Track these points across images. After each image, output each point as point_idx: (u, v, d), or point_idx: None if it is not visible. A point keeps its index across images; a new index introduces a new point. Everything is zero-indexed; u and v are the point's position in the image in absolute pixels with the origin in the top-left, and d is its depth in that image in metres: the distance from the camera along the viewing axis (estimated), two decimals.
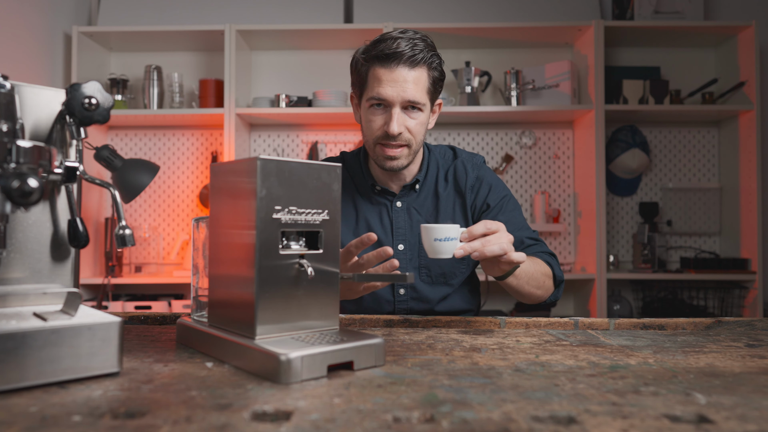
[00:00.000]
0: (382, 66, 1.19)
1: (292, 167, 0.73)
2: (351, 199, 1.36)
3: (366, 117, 1.25)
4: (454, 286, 1.33)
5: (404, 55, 1.17)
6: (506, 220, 1.26)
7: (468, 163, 1.37)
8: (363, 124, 1.28)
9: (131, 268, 2.82)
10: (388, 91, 1.19)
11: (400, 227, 1.32)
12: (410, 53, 1.18)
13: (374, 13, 2.84)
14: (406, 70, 1.18)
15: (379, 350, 0.73)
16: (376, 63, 1.20)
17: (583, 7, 2.86)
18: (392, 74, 1.18)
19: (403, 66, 1.18)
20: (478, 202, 1.34)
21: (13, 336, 0.60)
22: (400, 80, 1.18)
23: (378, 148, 1.24)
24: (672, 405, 0.58)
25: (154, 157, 2.97)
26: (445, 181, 1.36)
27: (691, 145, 2.96)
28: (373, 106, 1.23)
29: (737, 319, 1.07)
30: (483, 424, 0.52)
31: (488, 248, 0.93)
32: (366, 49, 1.23)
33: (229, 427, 0.51)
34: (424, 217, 1.33)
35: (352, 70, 1.28)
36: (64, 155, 0.76)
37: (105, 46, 2.90)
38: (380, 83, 1.19)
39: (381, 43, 1.19)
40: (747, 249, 2.69)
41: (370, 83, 1.22)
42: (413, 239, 1.32)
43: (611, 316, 2.69)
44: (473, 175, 1.35)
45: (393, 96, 1.19)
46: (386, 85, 1.19)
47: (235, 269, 0.73)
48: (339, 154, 1.45)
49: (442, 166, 1.37)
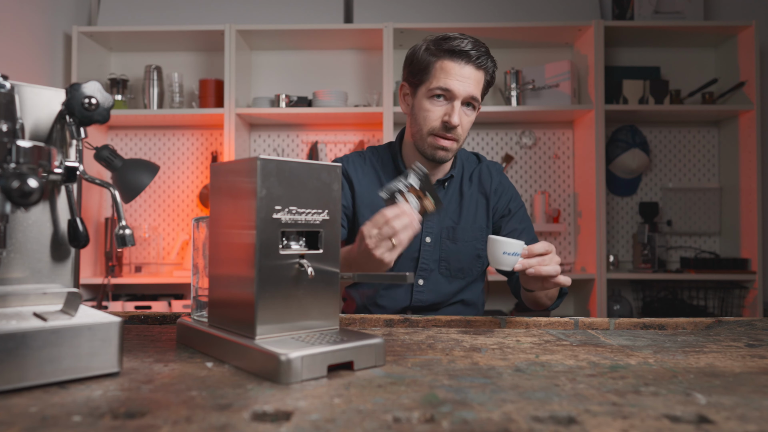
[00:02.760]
0: (452, 60, 1.24)
1: (292, 167, 0.73)
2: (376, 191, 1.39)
3: (424, 107, 1.28)
4: (468, 281, 1.39)
5: (473, 56, 1.24)
6: (523, 228, 1.39)
7: (492, 168, 1.46)
8: (418, 113, 1.30)
9: (131, 268, 2.82)
10: (455, 84, 1.24)
11: (428, 220, 1.35)
12: (477, 54, 1.24)
13: (374, 13, 2.84)
14: (472, 69, 1.25)
15: (379, 350, 0.73)
16: (446, 57, 1.25)
17: (583, 7, 2.86)
18: (461, 70, 1.24)
19: (471, 65, 1.25)
20: (500, 206, 1.42)
21: (13, 336, 0.60)
22: (467, 77, 1.24)
23: (432, 138, 1.29)
24: (672, 405, 0.58)
25: (154, 157, 2.97)
26: (470, 181, 1.42)
27: (691, 145, 2.96)
28: (434, 97, 1.27)
29: (737, 319, 1.07)
30: (483, 424, 0.52)
31: (544, 268, 1.03)
32: (436, 42, 1.27)
33: (229, 427, 0.51)
34: (448, 213, 1.38)
35: (410, 60, 1.31)
36: (64, 155, 0.76)
37: (105, 46, 2.90)
38: (448, 75, 1.24)
39: (452, 40, 1.25)
40: (747, 249, 2.69)
41: (435, 74, 1.26)
42: (436, 232, 1.37)
43: (611, 316, 2.69)
44: (497, 180, 1.43)
45: (459, 89, 1.24)
46: (454, 79, 1.24)
47: (235, 269, 0.73)
48: (352, 153, 1.47)
49: (467, 168, 1.44)
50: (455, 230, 1.37)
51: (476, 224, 1.38)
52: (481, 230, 1.39)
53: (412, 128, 1.34)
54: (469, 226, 1.38)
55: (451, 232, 1.37)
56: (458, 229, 1.37)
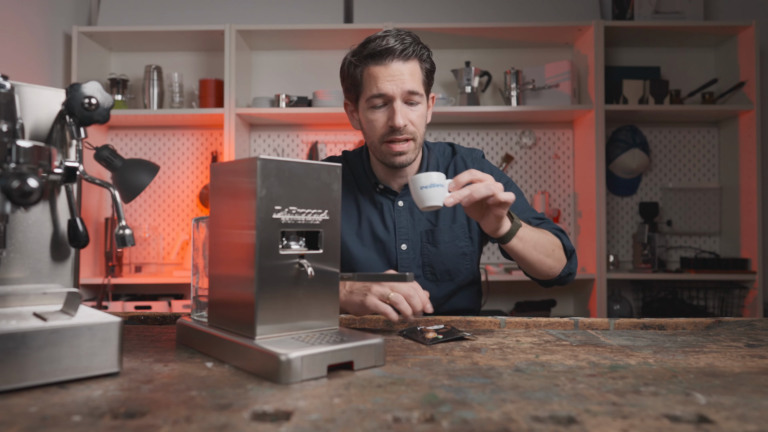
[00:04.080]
0: (377, 63, 1.20)
1: (292, 167, 0.73)
2: (353, 199, 1.36)
3: (367, 118, 1.25)
4: (458, 283, 1.33)
5: (396, 50, 1.18)
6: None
7: (467, 157, 1.38)
8: (364, 126, 1.27)
9: (131, 268, 2.82)
10: (386, 86, 1.19)
11: (402, 227, 1.32)
12: (401, 47, 1.19)
13: (374, 13, 2.84)
14: (400, 63, 1.19)
15: (379, 350, 0.73)
16: (370, 62, 1.20)
17: (583, 7, 2.86)
18: (388, 70, 1.19)
19: (397, 60, 1.19)
20: None
21: (13, 336, 0.60)
22: (397, 74, 1.19)
23: (384, 146, 1.24)
24: (672, 405, 0.58)
25: (154, 157, 2.97)
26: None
27: (691, 145, 2.96)
28: (373, 107, 1.23)
29: (737, 319, 1.07)
30: (483, 424, 0.52)
31: (476, 191, 0.95)
32: (356, 52, 1.23)
33: (229, 427, 0.51)
34: (425, 215, 1.32)
35: (343, 76, 1.28)
36: (64, 155, 0.76)
37: (105, 46, 2.90)
38: (377, 80, 1.20)
39: (370, 43, 1.20)
40: (747, 249, 2.69)
41: (366, 83, 1.22)
42: (416, 238, 1.32)
43: (611, 316, 2.69)
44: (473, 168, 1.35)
45: (393, 90, 1.19)
46: (384, 81, 1.19)
47: (235, 269, 0.73)
48: (341, 153, 1.45)
49: (441, 164, 1.37)
50: (434, 233, 1.31)
51: (456, 222, 1.32)
52: (462, 227, 1.32)
53: (367, 141, 1.30)
54: (448, 226, 1.32)
55: (430, 236, 1.31)
56: (437, 231, 1.31)
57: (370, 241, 1.32)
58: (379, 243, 1.32)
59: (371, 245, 1.32)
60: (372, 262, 1.31)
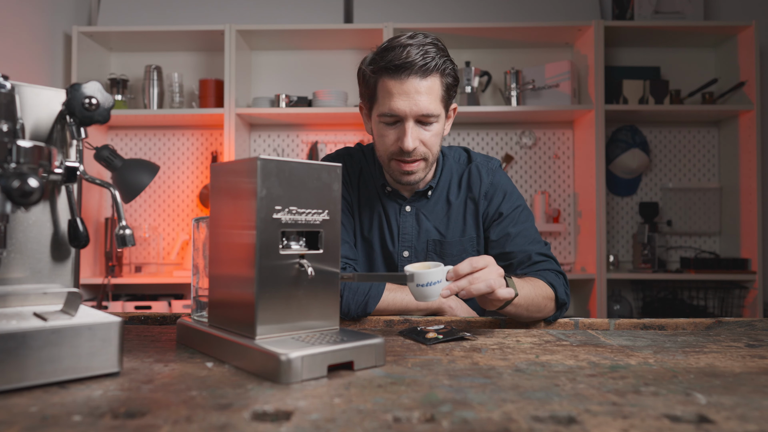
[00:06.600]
0: (392, 78, 1.11)
1: (292, 167, 0.73)
2: (356, 195, 1.31)
3: (378, 132, 1.19)
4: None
5: (415, 65, 1.09)
6: (518, 232, 1.23)
7: (483, 168, 1.31)
8: (375, 137, 1.22)
9: (131, 268, 2.82)
10: (399, 105, 1.11)
11: (406, 233, 1.28)
12: (422, 62, 1.09)
13: (374, 13, 2.84)
14: (417, 80, 1.10)
15: (379, 350, 0.73)
16: (385, 75, 1.12)
17: (583, 7, 2.86)
18: (403, 86, 1.10)
19: (414, 76, 1.10)
20: (491, 210, 1.28)
21: (13, 336, 0.60)
22: (412, 92, 1.10)
23: (393, 163, 1.19)
24: (672, 405, 0.58)
25: (154, 157, 2.97)
26: (458, 187, 1.30)
27: (691, 145, 2.96)
28: (384, 122, 1.16)
29: (737, 320, 1.07)
30: (483, 424, 0.52)
31: (474, 287, 0.90)
32: (373, 60, 1.15)
33: (229, 427, 0.51)
34: (433, 223, 1.28)
35: (359, 80, 1.21)
36: (64, 155, 0.76)
37: (105, 46, 2.90)
38: (391, 97, 1.12)
39: (389, 52, 1.11)
40: (747, 249, 2.69)
41: (380, 97, 1.15)
42: (420, 246, 1.28)
43: (611, 316, 2.69)
44: (488, 181, 1.29)
45: (405, 110, 1.11)
46: (397, 99, 1.11)
47: (235, 269, 0.73)
48: (342, 149, 1.39)
49: (456, 171, 1.31)
50: (442, 244, 1.27)
51: (466, 235, 1.28)
52: (471, 241, 1.28)
53: (376, 153, 1.24)
54: (457, 238, 1.27)
55: (438, 246, 1.27)
56: (445, 243, 1.27)
57: (371, 242, 1.31)
58: (380, 248, 1.30)
59: (372, 245, 1.31)
60: (372, 262, 1.31)
